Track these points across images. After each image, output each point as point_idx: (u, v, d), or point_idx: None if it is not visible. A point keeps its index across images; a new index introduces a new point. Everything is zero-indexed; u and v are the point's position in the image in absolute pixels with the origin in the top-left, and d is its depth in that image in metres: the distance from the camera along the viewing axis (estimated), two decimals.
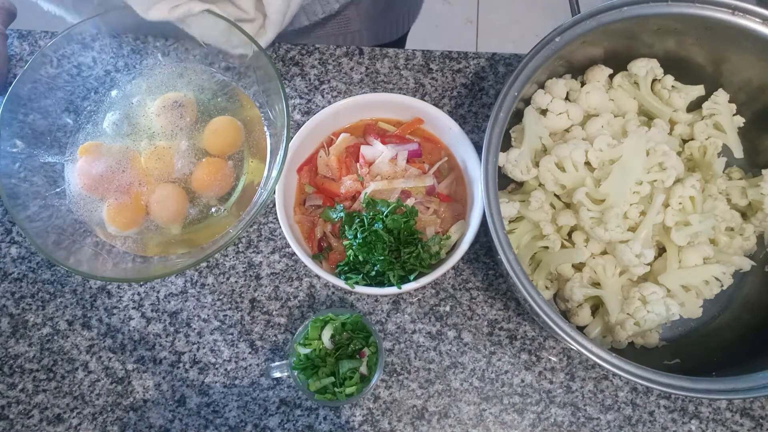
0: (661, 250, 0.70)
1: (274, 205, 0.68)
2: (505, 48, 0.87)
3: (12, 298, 0.74)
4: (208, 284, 0.74)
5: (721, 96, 0.73)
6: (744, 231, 0.71)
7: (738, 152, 0.74)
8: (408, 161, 0.72)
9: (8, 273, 0.75)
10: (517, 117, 0.72)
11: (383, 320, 0.73)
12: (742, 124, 0.74)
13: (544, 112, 0.72)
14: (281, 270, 0.75)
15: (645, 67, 0.72)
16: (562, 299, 0.70)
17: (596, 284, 0.68)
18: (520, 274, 0.59)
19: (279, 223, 0.68)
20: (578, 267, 0.70)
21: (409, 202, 0.69)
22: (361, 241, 0.65)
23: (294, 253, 0.71)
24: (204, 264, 0.75)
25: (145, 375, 0.71)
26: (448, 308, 0.73)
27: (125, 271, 0.67)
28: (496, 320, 0.73)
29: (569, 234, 0.71)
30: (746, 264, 0.70)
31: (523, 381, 0.71)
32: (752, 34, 0.65)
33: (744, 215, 0.73)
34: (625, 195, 0.65)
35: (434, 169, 0.72)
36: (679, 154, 0.71)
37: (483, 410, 0.70)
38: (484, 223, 0.64)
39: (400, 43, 1.08)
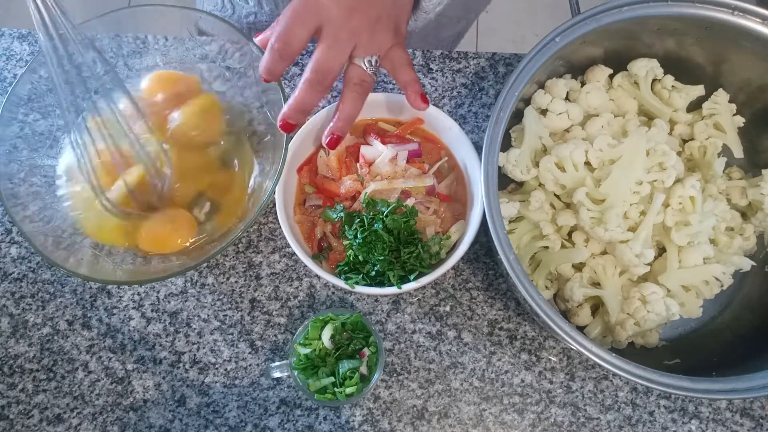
0: (661, 250, 0.70)
1: (274, 205, 0.68)
2: (505, 48, 0.87)
3: (12, 298, 0.74)
4: (208, 284, 0.74)
5: (721, 96, 0.73)
6: (744, 231, 0.71)
7: (738, 152, 0.74)
8: (408, 161, 0.72)
9: (8, 273, 0.75)
10: (517, 117, 0.72)
11: (383, 320, 0.73)
12: (742, 124, 0.74)
13: (544, 112, 0.72)
14: (281, 270, 0.75)
15: (645, 67, 0.72)
16: (562, 299, 0.70)
17: (596, 284, 0.68)
18: (520, 274, 0.59)
19: (279, 223, 0.68)
20: (578, 267, 0.70)
21: (409, 202, 0.69)
22: (361, 241, 0.65)
23: (294, 253, 0.71)
24: (204, 264, 0.75)
25: (145, 375, 0.71)
26: (448, 308, 0.73)
27: (125, 273, 0.67)
28: (496, 320, 0.73)
29: (569, 234, 0.71)
30: (746, 264, 0.70)
31: (523, 381, 0.71)
32: (752, 34, 0.65)
33: (744, 215, 0.73)
34: (625, 195, 0.65)
35: (434, 169, 0.72)
36: (679, 154, 0.71)
37: (483, 410, 0.70)
38: (484, 223, 0.64)
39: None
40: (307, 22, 0.60)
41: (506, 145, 0.73)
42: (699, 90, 0.74)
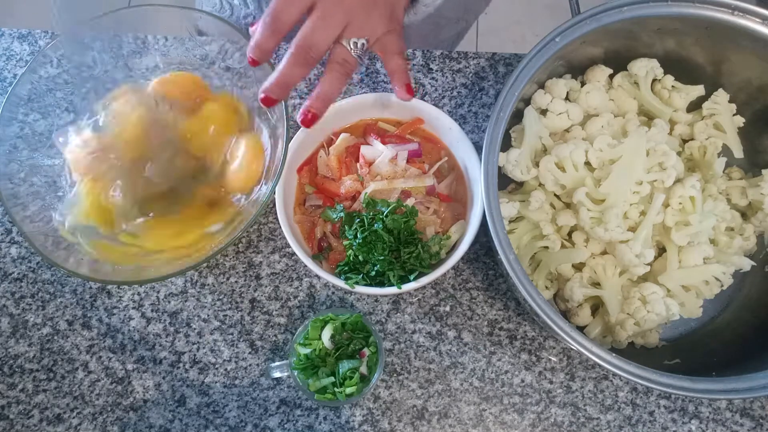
0: (661, 250, 0.70)
1: (274, 205, 0.68)
2: (505, 48, 0.87)
3: (12, 298, 0.74)
4: (208, 284, 0.74)
5: (721, 96, 0.73)
6: (744, 231, 0.71)
7: (738, 152, 0.74)
8: (408, 161, 0.72)
9: (8, 273, 0.75)
10: (517, 117, 0.72)
11: (383, 320, 0.73)
12: (742, 124, 0.74)
13: (544, 112, 0.72)
14: (281, 270, 0.75)
15: (645, 67, 0.72)
16: (562, 299, 0.70)
17: (596, 284, 0.68)
18: (520, 274, 0.59)
19: (279, 223, 0.68)
20: (578, 267, 0.70)
21: (409, 202, 0.69)
22: (361, 241, 0.65)
23: (294, 253, 0.72)
24: (204, 264, 0.75)
25: (145, 375, 0.71)
26: (448, 308, 0.73)
27: (125, 273, 0.67)
28: (496, 320, 0.73)
29: (569, 234, 0.71)
30: (746, 264, 0.70)
31: (523, 381, 0.71)
32: (752, 34, 0.65)
33: (744, 215, 0.73)
34: (625, 195, 0.65)
35: (434, 169, 0.72)
36: (679, 154, 0.71)
37: (483, 410, 0.70)
38: (484, 223, 0.64)
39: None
40: None
41: (506, 145, 0.73)
42: (699, 90, 0.74)
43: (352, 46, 0.63)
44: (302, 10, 0.60)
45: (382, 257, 0.65)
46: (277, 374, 0.67)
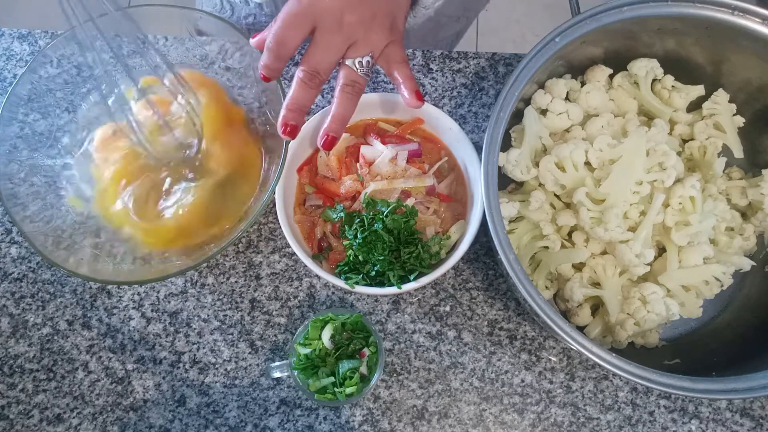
0: (661, 250, 0.70)
1: (274, 205, 0.68)
2: (505, 48, 0.87)
3: (12, 298, 0.74)
4: (208, 284, 0.74)
5: (721, 96, 0.73)
6: (744, 231, 0.71)
7: (738, 152, 0.74)
8: (408, 161, 0.72)
9: (8, 273, 0.75)
10: (517, 117, 0.72)
11: (383, 320, 0.73)
12: (742, 124, 0.74)
13: (544, 112, 0.72)
14: (281, 270, 0.75)
15: (645, 67, 0.72)
16: (562, 299, 0.70)
17: (596, 284, 0.68)
18: (520, 274, 0.59)
19: (279, 223, 0.68)
20: (578, 267, 0.70)
21: (409, 202, 0.69)
22: (361, 241, 0.65)
23: (294, 253, 0.72)
24: (204, 264, 0.75)
25: (145, 375, 0.71)
26: (448, 308, 0.73)
27: (125, 273, 0.67)
28: (496, 320, 0.73)
29: (569, 234, 0.71)
30: (746, 264, 0.70)
31: (523, 381, 0.71)
32: (752, 34, 0.65)
33: (744, 215, 0.73)
34: (625, 195, 0.65)
35: (434, 169, 0.72)
36: (679, 154, 0.71)
37: (483, 410, 0.70)
38: (484, 223, 0.64)
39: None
40: (301, 23, 0.60)
41: (506, 145, 0.73)
42: (699, 90, 0.74)
43: (357, 66, 0.63)
44: (305, 34, 0.61)
45: (382, 257, 0.65)
46: (277, 374, 0.67)
